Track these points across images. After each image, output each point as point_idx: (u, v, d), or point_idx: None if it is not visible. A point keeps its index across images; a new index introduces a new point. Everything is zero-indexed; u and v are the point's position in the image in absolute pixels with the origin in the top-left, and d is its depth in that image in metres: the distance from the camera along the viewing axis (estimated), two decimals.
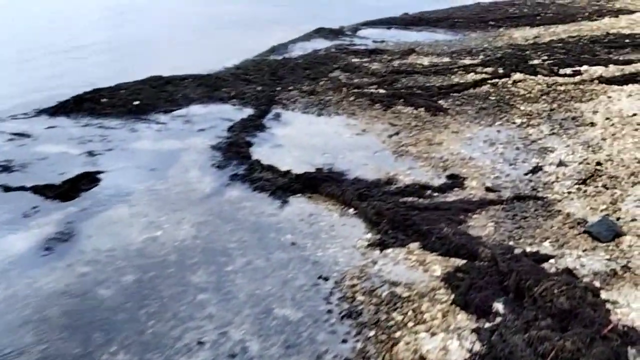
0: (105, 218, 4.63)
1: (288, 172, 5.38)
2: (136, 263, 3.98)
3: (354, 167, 5.55)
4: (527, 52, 8.82)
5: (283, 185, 5.10)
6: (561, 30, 10.65)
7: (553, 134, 6.11)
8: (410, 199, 4.89)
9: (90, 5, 16.82)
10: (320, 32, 11.44)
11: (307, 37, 11.24)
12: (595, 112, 6.48)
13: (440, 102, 7.18)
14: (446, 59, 8.97)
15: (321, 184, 5.11)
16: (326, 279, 3.75)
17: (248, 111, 7.12)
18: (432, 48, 10.11)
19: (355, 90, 7.60)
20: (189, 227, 4.45)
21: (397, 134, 6.39)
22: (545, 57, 8.48)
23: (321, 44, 10.73)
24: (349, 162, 5.66)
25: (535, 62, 8.33)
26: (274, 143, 6.19)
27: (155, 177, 5.39)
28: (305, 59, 9.11)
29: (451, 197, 4.93)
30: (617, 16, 11.10)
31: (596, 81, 7.33)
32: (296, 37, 11.33)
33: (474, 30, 11.64)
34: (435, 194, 4.98)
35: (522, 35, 10.69)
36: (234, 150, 5.88)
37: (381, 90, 7.59)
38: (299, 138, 6.33)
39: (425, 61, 8.94)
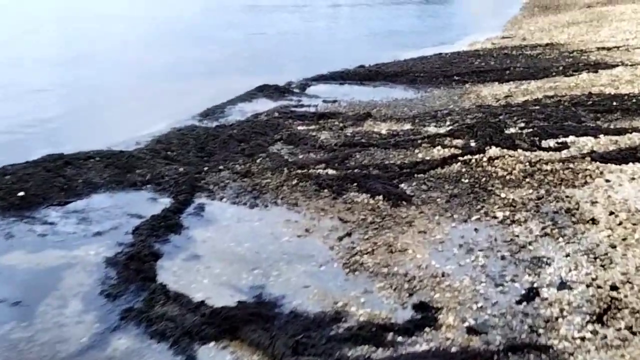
0: None
1: (201, 304, 4.07)
2: None
3: (291, 292, 4.27)
4: (501, 117, 7.72)
5: (191, 329, 3.76)
6: (535, 88, 9.64)
7: (545, 234, 4.93)
8: (364, 348, 3.59)
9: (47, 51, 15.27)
10: (264, 91, 10.23)
11: (248, 96, 10.02)
12: (594, 203, 5.33)
13: (402, 186, 5.95)
14: (408, 126, 7.81)
15: (244, 326, 3.77)
16: None
17: (164, 202, 5.80)
18: (391, 110, 8.97)
19: (299, 172, 6.32)
20: None
21: (348, 235, 5.14)
22: (523, 125, 7.38)
23: (264, 105, 9.52)
24: (284, 283, 4.38)
25: (512, 130, 7.22)
26: (189, 253, 4.88)
27: (17, 316, 4.00)
28: (243, 127, 7.84)
29: (421, 343, 3.65)
30: (595, 71, 10.15)
31: (588, 158, 6.19)
32: (236, 95, 10.06)
33: (437, 86, 10.59)
34: (399, 339, 3.70)
35: (492, 93, 9.64)
36: (134, 268, 4.54)
37: (330, 171, 6.34)
38: (223, 244, 5.02)
39: (384, 129, 7.76)
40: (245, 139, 7.40)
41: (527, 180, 5.96)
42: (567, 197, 5.55)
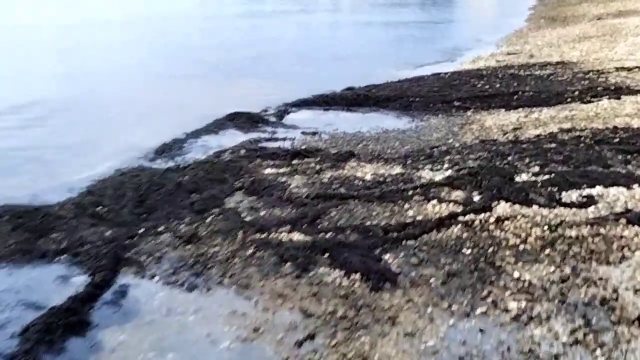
0: None
1: None
2: None
3: None
4: (510, 159, 6.46)
5: None
6: (548, 118, 8.36)
7: (576, 341, 3.63)
8: None
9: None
10: (236, 119, 9.00)
11: (216, 126, 8.77)
12: (638, 291, 4.00)
13: (386, 257, 4.65)
14: (398, 169, 6.53)
15: None
16: None
17: (76, 283, 4.52)
18: (380, 145, 7.71)
19: (257, 237, 5.03)
20: None
21: (311, 338, 3.83)
22: (537, 169, 6.13)
23: (232, 138, 8.27)
24: None
25: (524, 177, 5.95)
26: None
27: None
28: (198, 171, 6.56)
29: None
30: (617, 97, 8.88)
31: (623, 220, 4.88)
32: (204, 125, 8.78)
33: (434, 114, 9.34)
34: None
35: (498, 123, 8.37)
36: None
37: (297, 236, 5.07)
38: (138, 355, 3.68)
39: (369, 173, 6.48)
40: (198, 188, 6.11)
41: (547, 251, 4.68)
42: (600, 279, 4.27)
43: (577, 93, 9.50)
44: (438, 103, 9.86)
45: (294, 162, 7.11)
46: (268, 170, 6.78)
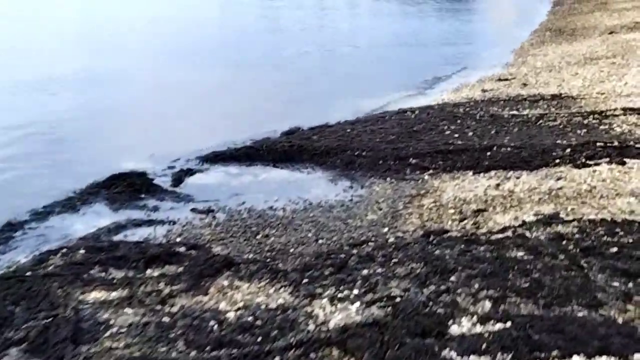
0: None
1: None
2: None
3: None
4: (453, 280, 4.39)
5: None
6: (525, 191, 6.31)
7: None
8: None
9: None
10: (114, 186, 7.01)
11: (80, 197, 6.64)
12: None
13: None
14: (283, 296, 4.56)
15: None
16: None
17: None
18: (286, 237, 5.72)
19: None
20: None
21: None
22: (487, 309, 4.02)
23: (90, 221, 6.24)
24: None
25: (463, 330, 3.87)
26: None
27: None
28: None
29: None
30: (622, 161, 6.68)
31: None
32: (65, 197, 6.67)
33: (382, 176, 7.33)
34: None
35: (458, 197, 6.35)
36: None
37: None
38: None
39: (238, 302, 4.57)
40: None
41: None
42: None
43: (568, 151, 7.33)
44: (390, 160, 7.75)
45: (146, 273, 4.96)
46: (93, 295, 4.64)
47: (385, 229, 5.88)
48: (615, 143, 7.45)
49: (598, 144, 7.48)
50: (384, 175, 7.45)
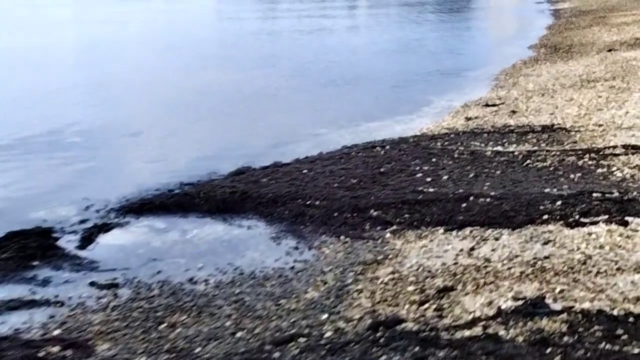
0: None
1: None
2: None
3: None
4: None
5: None
6: (505, 259, 5.23)
7: None
8: None
9: None
10: (3, 250, 5.58)
11: None
12: None
13: None
14: None
15: None
16: None
17: None
18: (195, 327, 4.53)
19: None
20: None
21: None
22: None
23: None
24: None
25: None
26: None
27: None
28: None
29: None
30: (623, 221, 5.49)
31: None
32: None
33: (335, 233, 6.21)
34: None
35: (423, 266, 5.26)
36: None
37: None
38: None
39: None
40: None
41: None
42: None
43: (559, 203, 6.11)
44: (347, 211, 6.55)
45: None
46: None
47: (325, 316, 4.67)
48: (615, 194, 6.23)
49: (594, 194, 6.26)
50: (338, 232, 6.25)
